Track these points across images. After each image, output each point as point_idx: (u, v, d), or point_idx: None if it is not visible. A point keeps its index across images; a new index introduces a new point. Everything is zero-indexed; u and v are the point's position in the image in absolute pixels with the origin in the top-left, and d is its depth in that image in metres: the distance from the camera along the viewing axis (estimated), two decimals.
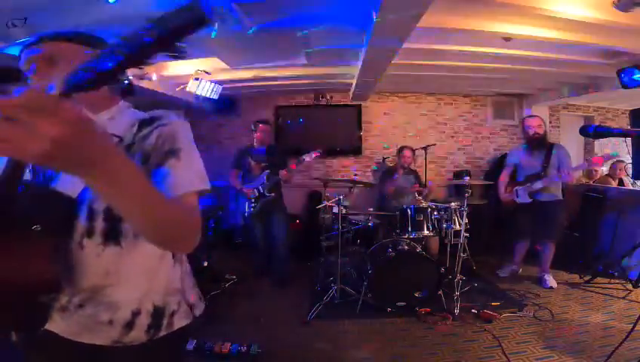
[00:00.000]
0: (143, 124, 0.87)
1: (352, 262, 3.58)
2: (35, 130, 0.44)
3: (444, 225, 3.28)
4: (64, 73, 0.79)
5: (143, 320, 0.89)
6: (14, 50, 2.37)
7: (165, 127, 0.86)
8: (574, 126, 2.10)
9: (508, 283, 3.55)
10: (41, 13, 2.16)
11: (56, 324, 0.85)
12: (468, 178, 3.17)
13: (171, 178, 0.81)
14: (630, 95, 4.05)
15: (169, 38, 0.43)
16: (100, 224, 0.82)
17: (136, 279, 0.87)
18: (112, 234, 0.82)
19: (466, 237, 3.14)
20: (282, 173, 3.46)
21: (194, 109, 4.80)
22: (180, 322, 0.97)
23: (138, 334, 0.89)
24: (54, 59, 0.81)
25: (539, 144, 3.55)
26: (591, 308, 3.01)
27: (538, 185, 3.46)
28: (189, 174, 0.84)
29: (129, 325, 0.87)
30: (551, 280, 3.53)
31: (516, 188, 3.63)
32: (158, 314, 0.92)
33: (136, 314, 0.88)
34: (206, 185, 0.87)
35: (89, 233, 0.81)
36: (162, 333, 0.93)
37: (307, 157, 3.47)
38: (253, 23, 2.66)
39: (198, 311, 1.04)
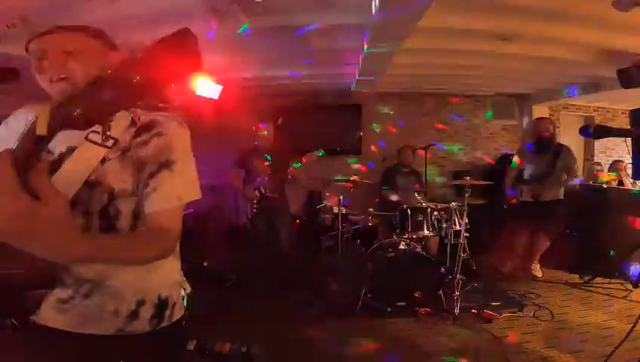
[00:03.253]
0: (141, 128, 0.87)
1: (352, 262, 3.58)
2: None
3: (444, 225, 3.28)
4: (75, 62, 0.80)
5: (147, 311, 0.92)
6: (14, 50, 2.37)
7: (164, 137, 0.87)
8: (574, 126, 2.10)
9: (508, 283, 3.55)
10: (41, 13, 2.16)
11: (55, 319, 0.87)
12: (468, 178, 3.17)
13: (159, 192, 0.85)
14: (630, 95, 4.05)
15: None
16: (95, 222, 0.84)
17: (135, 270, 0.88)
18: (108, 231, 0.84)
19: (466, 237, 3.14)
20: (292, 170, 3.41)
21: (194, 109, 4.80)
22: (179, 313, 1.01)
23: (141, 324, 0.91)
24: (72, 51, 0.82)
25: (545, 145, 3.62)
26: (591, 308, 3.01)
27: (542, 185, 3.53)
28: (178, 188, 0.87)
29: (133, 315, 0.90)
30: (537, 270, 3.78)
31: (521, 186, 3.69)
32: (162, 305, 0.95)
33: (140, 304, 0.91)
34: (194, 196, 0.91)
35: (86, 228, 0.83)
36: (164, 324, 0.96)
37: (306, 158, 3.45)
38: (253, 23, 2.67)
39: (186, 302, 1.08)
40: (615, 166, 4.76)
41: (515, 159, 3.97)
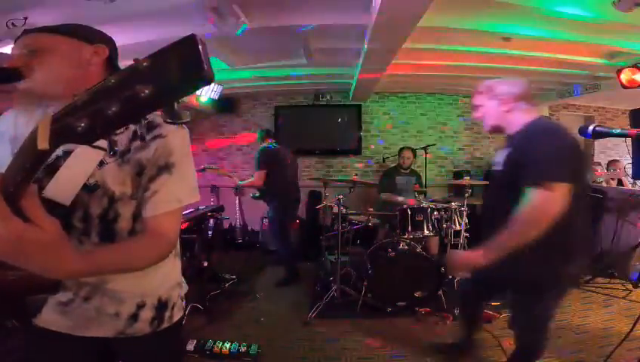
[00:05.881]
0: (138, 130, 0.86)
1: (352, 262, 3.58)
2: None
3: (444, 225, 3.28)
4: (45, 65, 0.78)
5: (148, 313, 0.92)
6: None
7: (163, 139, 0.85)
8: (574, 126, 2.10)
9: None
10: (42, 13, 2.16)
11: (55, 322, 0.87)
12: (468, 178, 3.17)
13: (159, 196, 0.85)
14: (630, 95, 4.05)
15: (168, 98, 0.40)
16: (95, 226, 0.84)
17: (136, 273, 0.87)
18: (107, 234, 0.84)
19: (466, 237, 3.14)
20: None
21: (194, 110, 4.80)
22: (179, 314, 1.01)
23: (142, 326, 0.92)
24: (36, 50, 0.81)
25: None
26: (591, 308, 3.01)
27: None
28: (177, 191, 0.87)
29: (134, 317, 0.90)
30: None
31: None
32: (162, 306, 0.95)
33: (140, 306, 0.91)
34: (193, 198, 0.90)
35: (86, 232, 0.83)
36: (165, 325, 0.96)
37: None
38: (253, 23, 2.66)
39: (184, 303, 1.08)
40: (612, 165, 4.75)
41: None
